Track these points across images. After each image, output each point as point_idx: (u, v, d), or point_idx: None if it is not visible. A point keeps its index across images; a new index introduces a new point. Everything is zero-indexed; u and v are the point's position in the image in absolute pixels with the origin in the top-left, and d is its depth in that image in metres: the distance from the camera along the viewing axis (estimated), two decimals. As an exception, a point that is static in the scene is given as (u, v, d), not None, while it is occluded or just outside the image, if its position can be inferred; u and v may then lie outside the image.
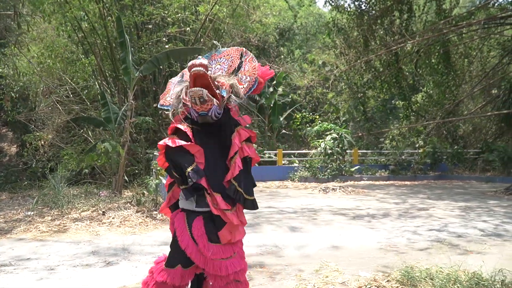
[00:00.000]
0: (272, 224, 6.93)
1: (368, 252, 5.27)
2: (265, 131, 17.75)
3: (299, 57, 21.63)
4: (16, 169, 16.32)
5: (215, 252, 2.68)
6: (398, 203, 9.26)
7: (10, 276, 4.28)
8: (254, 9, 16.05)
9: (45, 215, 7.23)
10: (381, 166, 15.24)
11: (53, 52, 12.53)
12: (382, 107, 18.98)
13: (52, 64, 12.80)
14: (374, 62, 16.32)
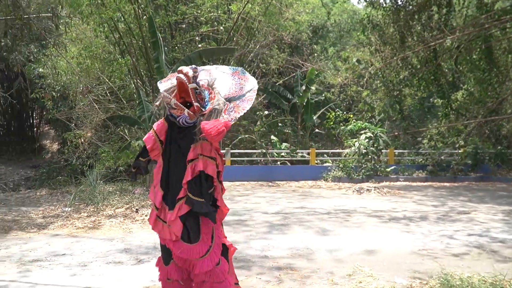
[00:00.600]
0: (304, 225, 6.82)
1: (404, 257, 5.09)
2: (297, 130, 17.60)
3: (333, 54, 21.32)
4: (57, 166, 16.91)
5: (184, 250, 2.77)
6: (437, 206, 8.94)
7: (45, 271, 4.38)
8: (287, 7, 15.92)
9: (81, 211, 7.41)
10: (419, 167, 14.79)
11: (92, 53, 12.85)
12: (420, 106, 18.41)
13: (91, 64, 13.13)
14: (411, 59, 15.87)
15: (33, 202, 8.75)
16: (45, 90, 14.29)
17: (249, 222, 6.93)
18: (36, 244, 5.43)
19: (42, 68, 14.07)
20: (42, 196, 9.70)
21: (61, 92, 14.75)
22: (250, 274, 4.33)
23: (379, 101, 18.25)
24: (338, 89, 19.27)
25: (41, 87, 14.31)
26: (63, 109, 15.54)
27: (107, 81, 13.54)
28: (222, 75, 3.03)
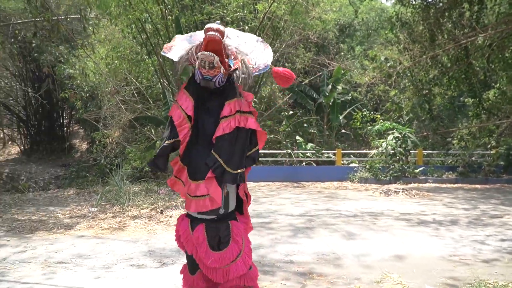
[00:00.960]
0: (329, 228, 6.68)
1: (434, 263, 4.91)
2: (323, 130, 17.38)
3: (360, 53, 20.99)
4: (86, 165, 17.23)
5: (215, 259, 2.64)
6: (468, 209, 8.63)
7: (69, 273, 4.41)
8: (313, 6, 15.73)
9: (107, 212, 7.48)
10: (448, 168, 14.36)
11: (120, 53, 13.02)
12: (450, 105, 17.91)
13: (119, 64, 13.31)
14: (441, 58, 15.45)
15: (61, 202, 8.89)
16: (75, 90, 14.57)
17: (274, 225, 6.84)
18: (61, 245, 5.49)
19: (72, 69, 14.34)
20: (70, 195, 9.84)
21: (90, 92, 15.00)
22: (274, 279, 4.25)
23: (407, 100, 17.85)
24: (365, 89, 18.96)
25: (70, 87, 14.59)
26: (92, 109, 15.83)
27: (134, 81, 13.70)
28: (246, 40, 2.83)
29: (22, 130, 21.79)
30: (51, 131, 21.77)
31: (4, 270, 4.46)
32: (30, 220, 6.86)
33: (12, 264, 4.64)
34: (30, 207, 8.22)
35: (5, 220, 6.83)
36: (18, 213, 7.50)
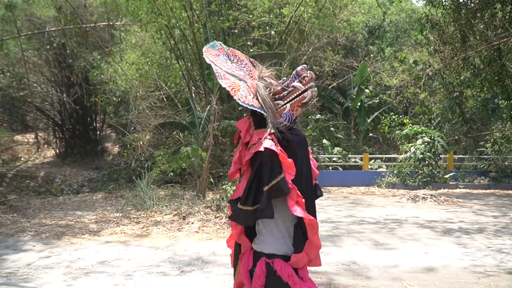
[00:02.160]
0: (352, 236, 6.60)
1: (456, 275, 4.78)
2: (350, 134, 17.18)
3: (390, 55, 20.64)
4: (118, 168, 17.65)
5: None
6: (497, 217, 8.35)
7: (90, 280, 4.53)
8: (341, 9, 15.60)
9: (131, 217, 7.65)
10: (480, 173, 13.92)
11: (149, 59, 13.31)
12: (483, 108, 17.36)
13: (149, 70, 13.60)
14: (473, 59, 15.01)
15: (88, 206, 9.15)
16: (107, 95, 14.97)
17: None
18: (85, 251, 5.65)
19: (103, 75, 14.76)
20: (98, 200, 10.11)
21: (122, 97, 15.38)
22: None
23: (438, 103, 17.43)
24: (394, 91, 18.64)
25: (103, 92, 15.01)
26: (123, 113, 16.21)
27: (164, 87, 13.95)
28: None
29: (57, 133, 22.51)
30: (85, 134, 22.40)
31: (28, 276, 4.63)
32: (57, 225, 7.08)
33: (36, 270, 4.81)
34: (59, 211, 8.50)
35: (33, 225, 7.09)
36: (46, 217, 7.75)
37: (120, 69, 13.75)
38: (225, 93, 14.48)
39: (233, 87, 2.15)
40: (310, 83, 2.22)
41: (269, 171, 2.07)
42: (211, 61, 2.26)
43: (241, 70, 2.38)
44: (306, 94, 2.20)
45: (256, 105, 2.14)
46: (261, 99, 2.17)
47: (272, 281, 2.11)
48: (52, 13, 16.34)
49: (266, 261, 2.12)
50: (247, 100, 2.13)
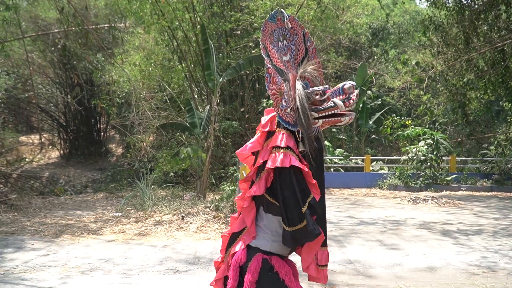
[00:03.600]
0: (351, 237, 6.61)
1: (453, 276, 4.77)
2: (352, 136, 17.15)
3: (394, 57, 20.60)
4: (121, 169, 17.73)
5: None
6: (498, 219, 8.31)
7: (85, 278, 4.56)
8: (343, 10, 15.59)
9: (130, 217, 7.68)
10: (483, 175, 13.85)
11: (152, 60, 13.37)
12: (487, 110, 17.29)
13: (152, 71, 13.67)
14: (477, 61, 14.94)
15: (89, 206, 9.21)
16: (110, 97, 15.05)
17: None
18: (82, 250, 5.69)
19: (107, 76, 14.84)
20: (98, 199, 10.17)
21: (125, 98, 15.45)
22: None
23: (442, 105, 17.37)
24: (397, 93, 18.60)
25: (107, 94, 15.10)
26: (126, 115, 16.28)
27: (167, 87, 14.01)
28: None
29: (62, 134, 22.65)
30: (89, 136, 22.53)
31: (24, 274, 4.66)
32: (57, 224, 7.13)
33: (33, 268, 4.85)
34: (59, 211, 8.56)
35: (33, 224, 7.14)
36: (46, 217, 7.81)
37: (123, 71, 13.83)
38: (227, 94, 14.54)
39: (277, 96, 2.04)
40: (352, 106, 2.00)
41: (300, 189, 1.97)
42: (264, 47, 2.13)
43: (288, 51, 2.20)
44: (343, 119, 1.99)
45: (291, 120, 2.03)
46: (300, 111, 2.01)
47: (267, 278, 2.05)
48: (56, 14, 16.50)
49: (263, 257, 2.07)
50: (286, 115, 2.04)
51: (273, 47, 2.15)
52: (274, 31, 2.18)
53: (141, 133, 14.17)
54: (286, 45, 2.19)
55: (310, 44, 2.23)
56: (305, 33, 2.22)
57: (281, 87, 2.05)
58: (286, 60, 2.17)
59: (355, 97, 1.98)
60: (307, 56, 2.21)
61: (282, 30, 2.19)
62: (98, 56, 16.47)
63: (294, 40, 2.21)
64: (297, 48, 2.22)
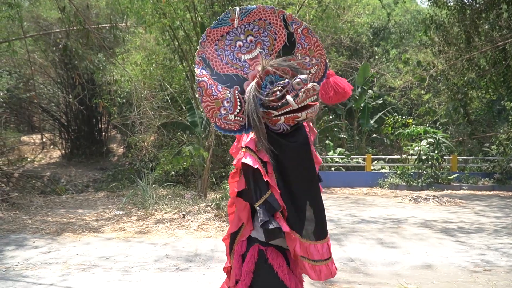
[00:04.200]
0: (351, 235, 6.60)
1: (455, 274, 4.77)
2: (354, 135, 17.14)
3: (395, 56, 20.59)
4: (122, 169, 17.75)
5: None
6: (499, 217, 8.30)
7: (85, 275, 4.58)
8: (344, 10, 15.59)
9: (132, 215, 7.70)
10: (485, 175, 13.83)
11: (153, 60, 13.39)
12: (488, 109, 17.26)
13: (153, 70, 13.68)
14: (478, 60, 14.94)
15: (90, 205, 9.23)
16: (111, 96, 15.07)
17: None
18: (83, 247, 5.70)
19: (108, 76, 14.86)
20: (100, 198, 10.19)
21: (126, 98, 15.47)
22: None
23: (443, 104, 17.35)
24: (399, 93, 18.59)
25: (108, 93, 15.11)
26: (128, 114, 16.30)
27: (168, 87, 14.03)
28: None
29: (63, 134, 22.65)
30: (90, 135, 22.53)
31: (26, 271, 4.68)
32: (58, 222, 7.15)
33: (34, 265, 4.87)
34: (61, 209, 8.57)
35: (35, 222, 7.16)
36: (48, 215, 7.84)
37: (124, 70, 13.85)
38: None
39: (212, 108, 2.07)
40: (307, 100, 1.96)
41: (255, 186, 2.05)
42: (202, 59, 2.12)
43: (258, 45, 2.16)
44: (300, 115, 1.99)
45: (234, 127, 2.08)
46: (247, 114, 2.02)
47: (262, 268, 2.09)
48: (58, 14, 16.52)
49: (259, 248, 2.11)
50: (225, 122, 2.07)
51: (222, 52, 2.13)
52: (227, 34, 2.15)
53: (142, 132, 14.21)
54: (254, 40, 2.15)
55: (297, 26, 2.18)
56: (286, 16, 2.16)
57: (219, 96, 2.06)
58: (251, 57, 2.14)
59: (304, 93, 1.95)
60: (294, 39, 2.17)
61: (242, 28, 2.15)
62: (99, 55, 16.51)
63: (267, 31, 2.16)
64: (272, 38, 2.17)
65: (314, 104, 1.99)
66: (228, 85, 2.09)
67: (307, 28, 2.19)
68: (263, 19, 2.17)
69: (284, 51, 2.17)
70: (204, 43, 2.15)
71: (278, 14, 2.17)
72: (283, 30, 2.17)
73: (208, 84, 2.06)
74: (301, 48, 2.20)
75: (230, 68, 2.13)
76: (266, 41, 2.17)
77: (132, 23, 14.68)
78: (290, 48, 2.18)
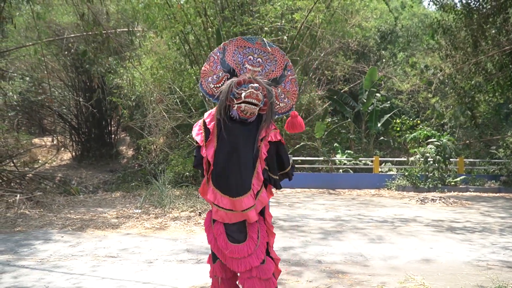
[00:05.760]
0: (359, 232, 6.86)
1: (459, 268, 5.01)
2: (361, 138, 17.38)
3: (402, 60, 20.81)
4: (132, 171, 18.05)
5: (233, 251, 2.99)
6: (504, 217, 8.52)
7: (115, 266, 4.88)
8: (352, 14, 15.84)
9: (150, 213, 8.01)
10: (491, 177, 14.01)
11: (164, 64, 13.70)
12: (495, 112, 17.44)
13: (163, 74, 13.99)
14: (485, 64, 15.14)
15: (108, 204, 9.54)
16: (122, 99, 15.40)
17: (305, 228, 7.11)
18: (108, 241, 6.01)
19: (120, 79, 15.17)
20: (117, 198, 10.50)
21: (136, 101, 15.78)
22: (301, 278, 4.52)
23: (451, 108, 17.54)
24: (406, 96, 18.80)
25: (118, 96, 15.43)
26: (138, 117, 16.63)
27: (178, 90, 14.33)
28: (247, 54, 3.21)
29: (74, 137, 23.02)
30: (100, 138, 22.88)
31: (59, 261, 5.00)
32: (81, 219, 7.47)
33: (65, 257, 5.18)
34: (81, 208, 8.90)
35: (59, 219, 7.49)
36: (70, 213, 8.16)
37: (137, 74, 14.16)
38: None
39: (205, 73, 3.18)
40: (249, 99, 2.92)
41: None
42: (223, 48, 3.20)
43: (261, 67, 3.19)
44: (242, 106, 2.95)
45: (211, 93, 3.20)
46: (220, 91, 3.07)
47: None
48: (71, 19, 16.91)
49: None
50: (206, 86, 3.19)
51: (237, 53, 3.18)
52: (249, 47, 3.19)
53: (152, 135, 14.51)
54: (261, 62, 3.19)
55: (290, 74, 3.24)
56: (288, 64, 3.23)
57: (214, 70, 3.18)
58: (251, 69, 3.17)
59: (250, 93, 2.92)
60: (283, 79, 3.22)
61: (259, 50, 3.19)
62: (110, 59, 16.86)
63: (271, 63, 3.20)
64: (271, 69, 3.20)
65: (252, 103, 2.94)
66: (224, 70, 3.17)
67: (295, 79, 3.25)
68: (274, 56, 3.21)
69: (273, 81, 3.20)
70: (231, 41, 3.22)
71: (285, 60, 3.22)
72: (281, 70, 3.22)
73: (214, 59, 3.19)
74: (284, 87, 3.25)
75: (234, 64, 3.18)
76: (267, 68, 3.20)
77: (143, 27, 15.02)
78: (278, 82, 3.23)
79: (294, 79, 3.23)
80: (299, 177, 13.59)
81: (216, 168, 2.98)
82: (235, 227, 3.03)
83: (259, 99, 2.94)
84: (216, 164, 2.98)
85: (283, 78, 3.21)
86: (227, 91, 2.97)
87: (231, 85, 2.97)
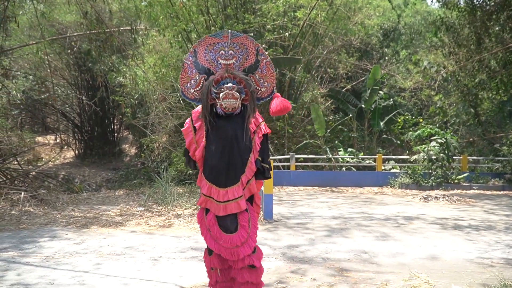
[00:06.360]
0: (362, 230, 6.86)
1: (464, 265, 5.00)
2: (364, 136, 17.35)
3: (405, 57, 20.77)
4: (135, 169, 18.09)
5: (226, 240, 3.13)
6: (509, 215, 8.50)
7: (120, 263, 4.89)
8: (355, 12, 15.81)
9: (153, 211, 8.04)
10: (495, 175, 13.96)
11: (167, 62, 13.71)
12: (499, 110, 17.37)
13: (166, 73, 13.99)
14: (489, 61, 15.09)
15: (112, 202, 9.57)
16: (125, 98, 15.41)
17: (309, 226, 7.11)
18: (113, 239, 6.02)
19: (122, 78, 15.18)
20: (120, 196, 10.54)
21: (139, 99, 15.80)
22: (305, 276, 4.52)
23: (453, 105, 17.49)
24: (409, 93, 18.76)
25: (121, 95, 15.44)
26: (140, 115, 16.65)
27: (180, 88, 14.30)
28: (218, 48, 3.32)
29: (77, 135, 23.10)
30: (103, 136, 22.95)
31: (63, 259, 5.02)
32: (85, 217, 7.50)
33: (70, 254, 5.21)
34: (85, 205, 8.93)
35: (64, 216, 7.52)
36: (74, 210, 8.20)
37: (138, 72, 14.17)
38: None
39: (183, 81, 3.34)
40: (226, 98, 3.09)
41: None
42: (193, 50, 3.31)
43: (234, 58, 3.27)
44: (223, 103, 3.12)
45: (192, 97, 3.34)
46: (201, 93, 3.23)
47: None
48: (74, 18, 16.92)
49: None
50: (188, 93, 3.34)
51: (208, 52, 3.28)
52: (218, 43, 3.27)
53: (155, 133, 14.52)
54: (233, 53, 3.26)
55: (264, 58, 3.31)
56: (259, 49, 3.30)
57: (190, 75, 3.32)
58: (226, 63, 3.26)
59: (226, 93, 3.08)
60: (258, 65, 3.29)
61: (228, 43, 3.26)
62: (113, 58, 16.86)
63: (243, 52, 3.27)
64: (244, 58, 3.28)
65: (230, 101, 3.10)
66: (200, 72, 3.30)
67: (270, 62, 3.33)
68: (244, 44, 3.27)
69: (249, 69, 3.30)
70: (200, 42, 3.31)
71: (255, 45, 3.30)
72: (254, 56, 3.29)
73: (188, 65, 3.31)
74: (261, 73, 3.32)
75: (207, 64, 3.29)
76: (240, 58, 3.28)
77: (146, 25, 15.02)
78: (254, 69, 3.31)
79: (269, 61, 3.33)
80: (302, 175, 13.58)
81: (208, 163, 3.18)
82: (227, 218, 3.16)
83: (236, 97, 3.09)
84: (208, 159, 3.18)
85: (258, 64, 3.30)
86: (206, 92, 3.13)
87: (209, 86, 3.13)
